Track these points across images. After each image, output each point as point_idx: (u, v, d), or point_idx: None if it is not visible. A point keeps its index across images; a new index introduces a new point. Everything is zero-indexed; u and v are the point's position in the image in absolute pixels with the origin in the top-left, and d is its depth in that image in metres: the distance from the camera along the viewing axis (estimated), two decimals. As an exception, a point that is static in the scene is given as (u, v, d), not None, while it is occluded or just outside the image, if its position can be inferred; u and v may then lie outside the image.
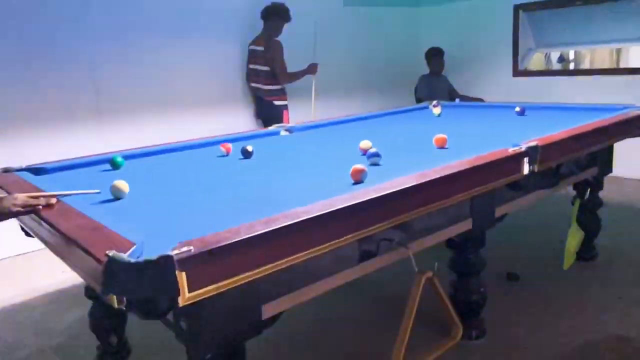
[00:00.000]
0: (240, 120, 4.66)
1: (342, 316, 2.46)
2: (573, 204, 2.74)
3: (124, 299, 1.06)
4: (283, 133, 2.98)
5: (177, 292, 1.05)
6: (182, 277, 1.05)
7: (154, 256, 1.03)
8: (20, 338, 2.50)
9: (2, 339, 2.50)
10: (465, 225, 2.01)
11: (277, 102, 4.44)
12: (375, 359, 2.01)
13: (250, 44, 4.46)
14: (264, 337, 1.44)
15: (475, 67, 5.68)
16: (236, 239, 1.14)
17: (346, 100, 5.27)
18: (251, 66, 4.48)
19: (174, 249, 1.07)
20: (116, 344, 2.19)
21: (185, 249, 1.07)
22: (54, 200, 1.52)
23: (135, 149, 2.52)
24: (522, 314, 2.41)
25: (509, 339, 2.21)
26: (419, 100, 5.15)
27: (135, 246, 1.11)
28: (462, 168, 1.69)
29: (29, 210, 1.47)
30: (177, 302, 1.06)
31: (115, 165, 2.19)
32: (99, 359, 2.21)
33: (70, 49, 3.72)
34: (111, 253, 1.05)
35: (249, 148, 2.27)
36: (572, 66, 5.38)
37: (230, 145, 2.40)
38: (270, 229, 1.19)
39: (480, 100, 5.16)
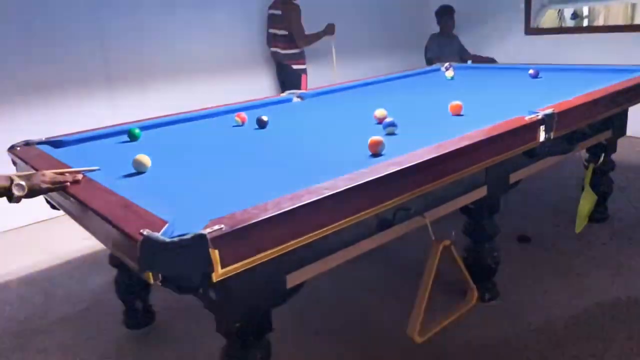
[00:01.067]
0: (260, 85, 4.62)
1: (362, 282, 2.52)
2: (586, 167, 2.75)
3: (160, 275, 1.11)
4: (295, 100, 2.98)
5: (211, 268, 1.09)
6: (215, 255, 1.09)
7: (188, 235, 1.07)
8: (47, 304, 2.59)
9: (30, 305, 2.60)
10: (480, 193, 2.04)
11: (295, 67, 4.41)
12: (395, 324, 2.08)
13: (269, 8, 4.42)
14: (287, 304, 1.49)
15: (486, 25, 5.56)
16: (265, 216, 1.17)
17: (354, 61, 5.20)
18: (270, 30, 4.45)
19: (206, 227, 1.11)
20: (141, 309, 2.28)
21: (217, 227, 1.11)
22: (80, 176, 1.56)
23: (151, 119, 2.53)
24: (535, 276, 2.47)
25: (521, 300, 2.28)
26: (428, 61, 5.08)
27: (167, 224, 1.15)
28: (480, 138, 1.70)
29: (57, 187, 1.50)
30: (210, 278, 1.11)
31: (133, 137, 2.21)
32: (124, 324, 2.30)
33: (76, 13, 3.67)
34: (146, 232, 1.09)
35: (264, 118, 2.28)
36: (585, 23, 5.25)
37: (245, 115, 2.41)
38: (296, 205, 1.22)
39: (492, 59, 5.08)
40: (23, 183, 1.43)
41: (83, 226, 1.57)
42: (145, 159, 1.70)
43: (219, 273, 1.11)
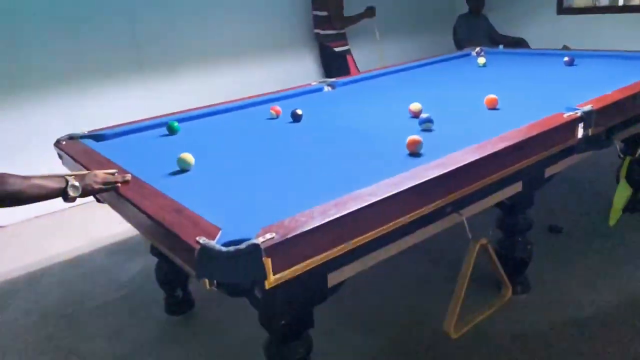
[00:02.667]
0: (306, 69, 4.60)
1: (403, 278, 2.53)
2: (622, 158, 2.72)
3: (215, 281, 1.17)
4: (326, 89, 2.98)
5: (264, 276, 1.14)
6: (268, 263, 1.13)
7: (243, 245, 1.11)
8: (90, 288, 2.70)
9: (73, 289, 2.71)
10: (516, 188, 2.04)
11: (338, 49, 4.39)
12: (433, 318, 2.13)
13: None
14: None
15: (517, 5, 5.43)
16: (313, 225, 1.20)
17: (382, 43, 5.15)
18: (314, 12, 4.44)
19: (258, 235, 1.15)
20: (181, 297, 2.37)
21: (268, 235, 1.15)
22: (129, 177, 1.62)
23: (188, 110, 2.57)
24: (566, 268, 2.48)
25: (553, 293, 2.30)
26: (457, 42, 5.01)
27: (221, 231, 1.20)
28: (521, 138, 1.70)
29: (109, 187, 1.56)
30: (263, 285, 1.16)
31: (172, 131, 2.26)
32: (165, 310, 2.39)
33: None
34: (202, 240, 1.14)
35: (299, 112, 2.30)
36: (621, 2, 5.09)
37: (279, 108, 2.43)
38: (342, 213, 1.25)
39: (522, 40, 4.97)
40: (77, 184, 1.49)
41: (131, 223, 1.63)
42: (190, 157, 1.75)
43: (271, 280, 1.16)
